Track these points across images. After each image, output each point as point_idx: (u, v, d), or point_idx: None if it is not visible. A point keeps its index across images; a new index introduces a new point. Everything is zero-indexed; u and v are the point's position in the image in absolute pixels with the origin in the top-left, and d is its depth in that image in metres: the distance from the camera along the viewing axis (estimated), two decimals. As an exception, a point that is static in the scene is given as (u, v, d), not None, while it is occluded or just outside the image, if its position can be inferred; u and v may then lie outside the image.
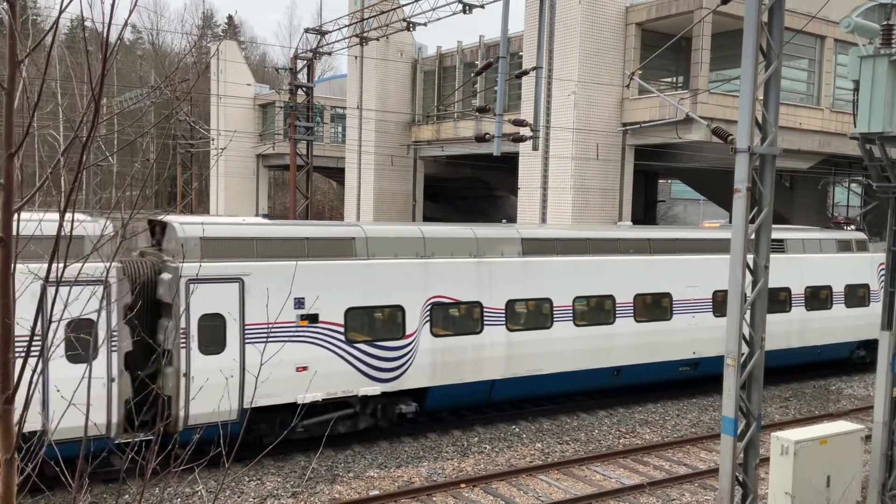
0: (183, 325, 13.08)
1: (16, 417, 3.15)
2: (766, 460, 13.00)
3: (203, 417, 12.90)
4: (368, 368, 14.96)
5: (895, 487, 11.29)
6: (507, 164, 31.21)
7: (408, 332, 15.32)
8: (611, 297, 17.89)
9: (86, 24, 3.26)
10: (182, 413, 13.06)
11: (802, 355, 21.58)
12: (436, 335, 15.66)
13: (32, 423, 10.30)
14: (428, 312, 15.57)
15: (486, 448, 15.86)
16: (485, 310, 16.21)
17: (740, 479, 10.43)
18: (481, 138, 21.27)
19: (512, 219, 37.61)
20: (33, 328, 3.42)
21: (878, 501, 11.20)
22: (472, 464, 14.93)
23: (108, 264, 10.19)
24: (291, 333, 14.02)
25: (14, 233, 3.02)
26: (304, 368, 14.17)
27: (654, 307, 18.58)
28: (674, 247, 19.26)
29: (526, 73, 21.33)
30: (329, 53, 33.86)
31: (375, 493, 13.23)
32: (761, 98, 10.02)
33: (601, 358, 17.82)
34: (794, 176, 34.09)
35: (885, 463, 11.23)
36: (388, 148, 37.90)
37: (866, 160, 10.57)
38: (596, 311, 17.78)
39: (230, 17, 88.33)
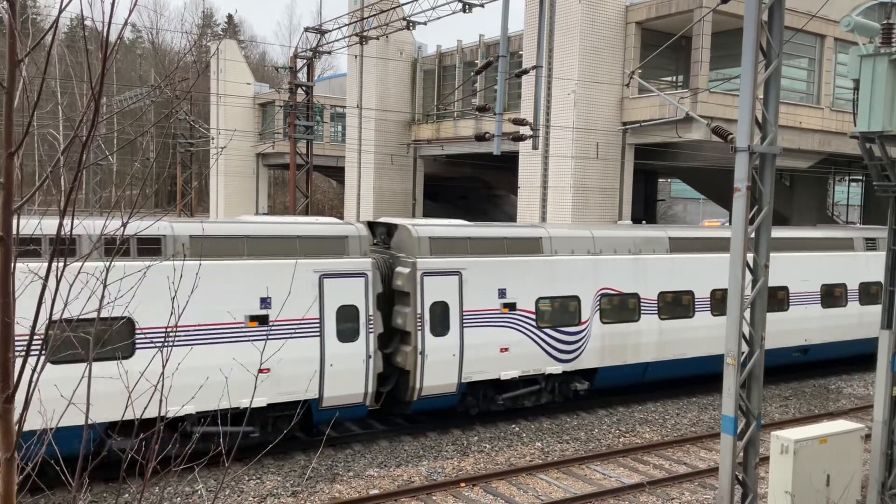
0: (418, 311, 15.53)
1: (16, 416, 3.16)
2: (765, 459, 13.01)
3: (432, 389, 15.80)
4: (553, 350, 17.36)
5: (895, 486, 11.29)
6: (507, 164, 31.19)
7: (583, 320, 17.73)
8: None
9: (86, 23, 3.26)
10: (417, 385, 15.64)
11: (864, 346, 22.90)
12: (604, 322, 18.03)
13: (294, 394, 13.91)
14: (598, 302, 17.99)
15: (485, 447, 15.87)
16: (641, 300, 18.64)
17: (740, 478, 10.43)
18: (481, 137, 21.26)
19: (512, 218, 37.63)
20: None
21: (878, 500, 11.21)
22: (472, 463, 14.94)
23: (365, 261, 14.37)
24: (496, 319, 16.52)
25: (14, 232, 3.02)
26: (506, 349, 16.66)
27: (774, 299, 20.47)
28: (789, 245, 21.31)
29: (526, 72, 21.31)
30: (329, 52, 33.89)
31: (375, 492, 13.23)
32: (761, 97, 10.01)
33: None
34: (793, 175, 34.08)
35: (884, 462, 11.24)
36: (388, 147, 37.89)
37: (866, 159, 10.57)
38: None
39: (230, 16, 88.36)
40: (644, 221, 32.42)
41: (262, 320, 13.86)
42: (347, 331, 14.73)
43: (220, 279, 13.48)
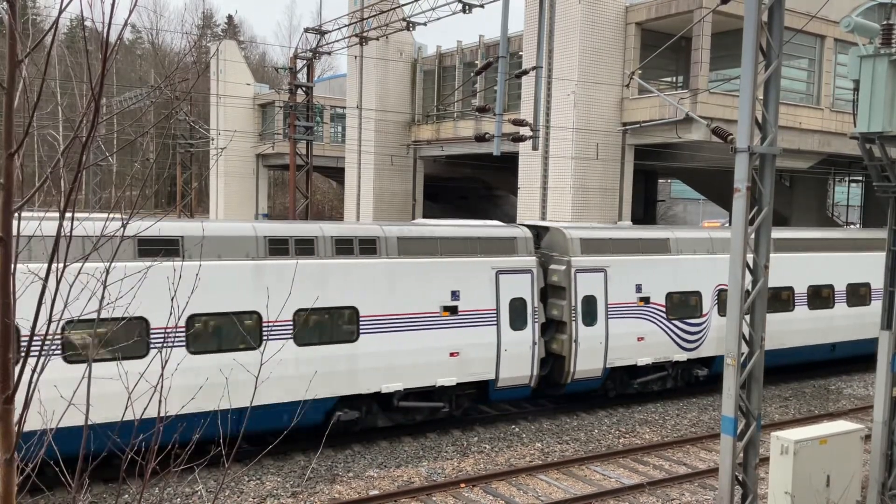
0: (573, 303, 17.53)
1: (16, 416, 3.15)
2: (765, 460, 13.01)
3: (583, 373, 17.83)
4: (679, 339, 19.26)
5: (895, 487, 11.29)
6: (507, 164, 31.19)
7: (703, 312, 19.63)
8: (830, 287, 22.32)
9: (86, 23, 3.26)
10: (571, 369, 17.67)
11: None
12: (721, 315, 19.40)
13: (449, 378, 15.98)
14: (716, 297, 19.76)
15: (485, 448, 15.86)
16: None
17: (740, 478, 10.43)
18: (481, 138, 21.25)
19: (512, 218, 37.62)
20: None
21: (878, 501, 11.20)
22: (472, 463, 14.93)
23: (531, 259, 17.24)
24: (634, 311, 18.43)
25: (14, 232, 3.02)
26: (642, 338, 18.59)
27: (857, 295, 22.89)
28: (870, 245, 23.20)
29: (526, 72, 21.31)
30: (329, 53, 33.85)
31: (375, 492, 13.23)
32: (761, 98, 10.01)
33: (824, 335, 22.14)
34: (793, 175, 34.07)
35: (884, 462, 11.24)
36: (388, 148, 37.88)
37: (866, 160, 10.57)
38: (821, 297, 22.15)
39: (230, 17, 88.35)
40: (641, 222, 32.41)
41: (453, 310, 16.08)
42: (518, 320, 16.85)
43: (421, 274, 15.75)
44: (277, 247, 14.37)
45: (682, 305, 19.26)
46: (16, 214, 3.02)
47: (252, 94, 51.46)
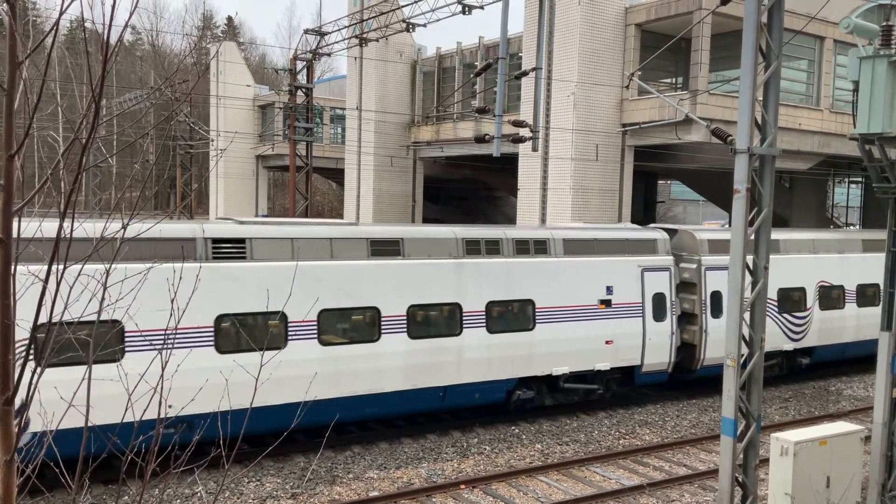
0: (703, 298, 19.45)
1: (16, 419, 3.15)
2: (765, 461, 13.01)
3: (711, 360, 19.35)
4: (788, 331, 21.09)
5: (895, 488, 11.29)
6: (507, 165, 31.20)
7: (807, 306, 21.55)
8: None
9: (86, 25, 3.26)
10: (701, 356, 19.59)
11: None
12: (821, 309, 21.82)
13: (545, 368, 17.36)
14: (817, 293, 21.78)
15: (485, 449, 15.86)
16: (845, 291, 22.60)
17: (740, 479, 10.43)
18: (481, 139, 21.26)
19: (511, 220, 37.65)
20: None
21: (878, 502, 11.21)
22: (472, 465, 14.93)
23: (669, 258, 19.26)
24: None
25: (14, 234, 3.02)
26: None
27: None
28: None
29: (525, 73, 21.32)
30: (328, 54, 33.85)
31: (375, 494, 13.23)
32: (761, 99, 10.02)
33: (871, 332, 23.15)
34: (793, 177, 34.07)
35: (884, 464, 11.24)
36: (388, 149, 37.89)
37: (866, 161, 10.58)
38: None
39: (230, 18, 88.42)
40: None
41: (608, 303, 18.14)
42: (659, 312, 18.89)
43: (583, 271, 17.86)
44: (473, 247, 16.65)
45: (790, 300, 21.12)
46: (16, 216, 3.03)
47: (252, 96, 51.48)
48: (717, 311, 19.61)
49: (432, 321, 15.99)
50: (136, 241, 9.80)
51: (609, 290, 18.16)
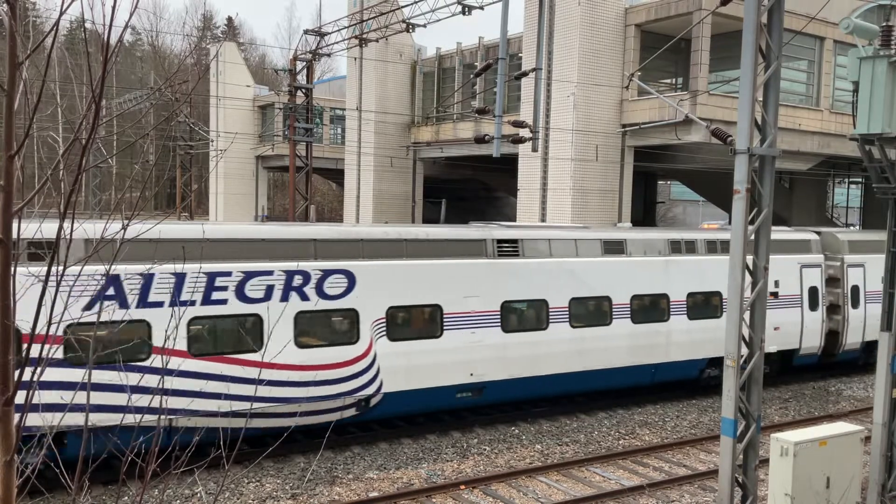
0: (845, 291, 22.30)
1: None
2: (765, 462, 13.00)
3: (849, 346, 22.55)
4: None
5: (895, 489, 11.29)
6: (507, 166, 31.19)
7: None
8: None
9: (86, 25, 3.26)
10: (842, 342, 22.36)
11: None
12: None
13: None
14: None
15: (485, 449, 15.86)
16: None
17: (740, 480, 10.43)
18: (480, 139, 21.25)
19: (511, 220, 37.61)
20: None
21: (878, 502, 11.21)
22: (472, 465, 14.93)
23: (820, 256, 22.11)
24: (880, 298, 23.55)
25: (14, 235, 3.02)
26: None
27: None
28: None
29: (525, 74, 21.32)
30: (328, 55, 33.89)
31: (375, 494, 13.22)
32: (760, 99, 10.02)
33: None
34: (793, 177, 34.09)
35: (884, 464, 11.24)
36: (388, 149, 37.90)
37: (866, 161, 10.58)
38: None
39: (230, 19, 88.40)
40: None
41: (775, 295, 20.67)
42: (812, 303, 21.67)
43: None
44: (675, 247, 19.52)
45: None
46: (16, 217, 3.03)
47: (252, 96, 51.49)
48: (855, 303, 22.65)
49: (648, 309, 18.78)
50: (441, 242, 15.82)
51: (776, 283, 20.76)
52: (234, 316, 13.66)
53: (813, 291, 21.81)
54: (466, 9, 25.61)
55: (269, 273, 13.95)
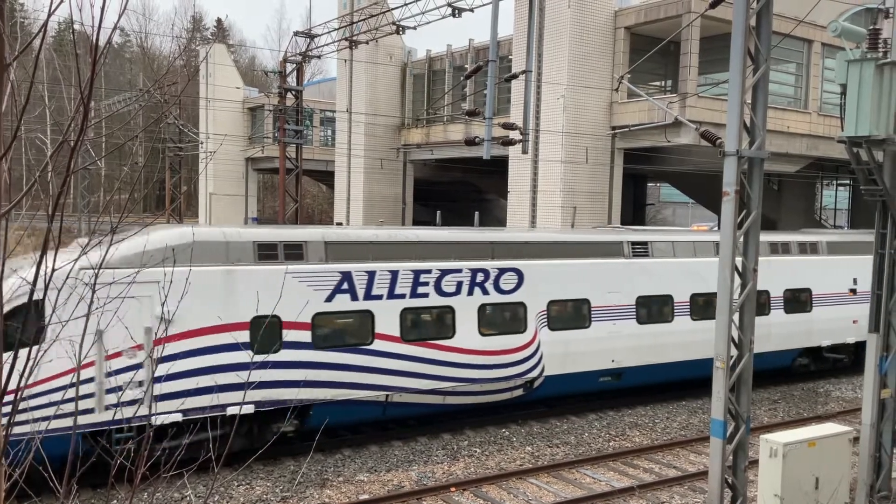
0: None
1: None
2: (755, 462, 13.05)
3: None
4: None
5: (883, 489, 11.36)
6: (497, 168, 31.25)
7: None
8: None
9: (74, 27, 3.25)
10: None
11: None
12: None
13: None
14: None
15: (476, 451, 15.86)
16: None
17: (729, 481, 10.47)
18: (471, 142, 21.27)
19: (501, 222, 37.71)
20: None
21: (866, 503, 11.27)
22: (463, 467, 14.92)
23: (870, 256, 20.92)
24: None
25: (5, 237, 3.00)
26: None
27: None
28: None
29: (515, 76, 21.36)
30: (318, 57, 33.89)
31: (365, 497, 13.20)
32: (749, 102, 10.07)
33: None
34: (782, 179, 34.27)
35: (872, 464, 11.31)
36: (378, 151, 37.88)
37: (854, 164, 10.65)
38: None
39: (219, 21, 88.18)
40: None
41: (854, 291, 22.70)
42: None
43: (841, 267, 22.75)
44: (774, 248, 21.43)
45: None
46: (4, 219, 3.01)
47: (241, 98, 51.39)
48: None
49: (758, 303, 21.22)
50: (588, 244, 18.47)
51: (854, 280, 22.92)
52: (433, 307, 15.91)
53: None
54: (456, 11, 25.64)
55: (459, 271, 16.22)
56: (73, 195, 52.04)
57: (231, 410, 13.36)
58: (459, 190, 46.71)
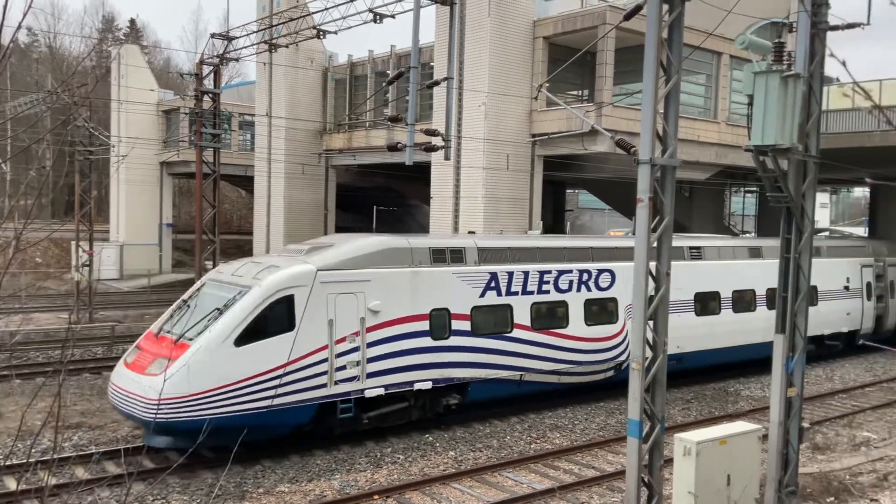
0: (885, 285, 29.49)
1: None
2: (670, 461, 13.41)
3: (890, 326, 30.06)
4: None
5: (791, 484, 11.83)
6: (420, 174, 31.22)
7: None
8: None
9: (-26, 24, 3.09)
10: (889, 325, 29.94)
11: None
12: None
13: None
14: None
15: (399, 458, 15.80)
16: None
17: (646, 480, 10.71)
18: (393, 147, 21.19)
19: (425, 228, 37.73)
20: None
21: (775, 498, 11.71)
22: (386, 474, 14.84)
23: (871, 259, 29.88)
24: None
25: None
26: None
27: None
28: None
29: (437, 83, 21.40)
30: (237, 59, 33.12)
31: (287, 507, 12.96)
32: (662, 111, 10.37)
33: None
34: (693, 186, 35.42)
35: (780, 461, 11.75)
36: (299, 156, 37.35)
37: (760, 171, 11.07)
38: None
39: (132, 21, 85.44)
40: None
41: (846, 288, 27.61)
42: (869, 295, 28.67)
43: (838, 268, 27.39)
44: (828, 250, 27.21)
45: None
46: None
47: (156, 101, 49.89)
48: (893, 294, 29.92)
49: (745, 301, 24.23)
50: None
51: (847, 279, 27.61)
52: (554, 302, 19.27)
53: (868, 285, 28.69)
54: (378, 17, 25.53)
55: (570, 271, 19.63)
56: (-26, 200, 49.43)
57: (418, 386, 16.72)
58: (382, 196, 46.51)
